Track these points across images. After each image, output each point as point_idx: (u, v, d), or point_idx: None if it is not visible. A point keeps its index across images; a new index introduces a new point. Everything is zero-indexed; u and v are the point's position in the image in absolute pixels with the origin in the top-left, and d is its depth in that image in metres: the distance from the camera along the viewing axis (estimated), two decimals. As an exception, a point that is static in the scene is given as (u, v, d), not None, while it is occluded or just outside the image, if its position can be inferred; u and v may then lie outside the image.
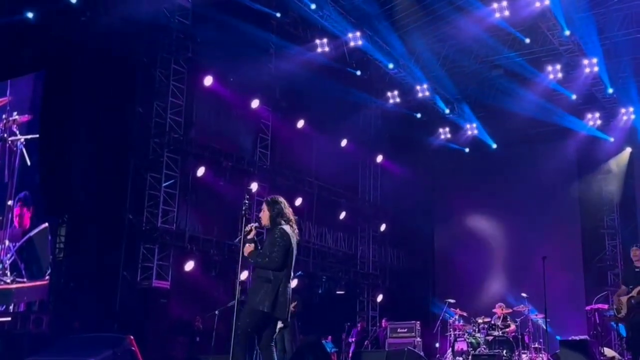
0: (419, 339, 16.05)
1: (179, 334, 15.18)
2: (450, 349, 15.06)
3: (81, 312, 14.00)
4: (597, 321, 14.29)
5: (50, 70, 15.05)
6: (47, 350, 8.67)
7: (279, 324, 12.31)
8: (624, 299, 10.15)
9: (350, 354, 16.31)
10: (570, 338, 13.78)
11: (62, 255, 15.12)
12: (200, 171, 16.13)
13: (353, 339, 18.02)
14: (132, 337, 7.84)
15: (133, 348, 7.68)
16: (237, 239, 6.83)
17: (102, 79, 14.80)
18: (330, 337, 18.12)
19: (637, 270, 10.18)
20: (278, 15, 17.72)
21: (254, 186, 17.36)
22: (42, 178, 15.02)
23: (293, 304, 12.29)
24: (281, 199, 6.87)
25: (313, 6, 16.95)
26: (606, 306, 14.20)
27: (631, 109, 20.40)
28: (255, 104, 17.70)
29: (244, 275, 16.80)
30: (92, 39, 14.59)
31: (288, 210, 6.79)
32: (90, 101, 14.88)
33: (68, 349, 8.02)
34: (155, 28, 15.58)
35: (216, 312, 12.76)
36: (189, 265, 15.50)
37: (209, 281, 16.00)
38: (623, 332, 11.93)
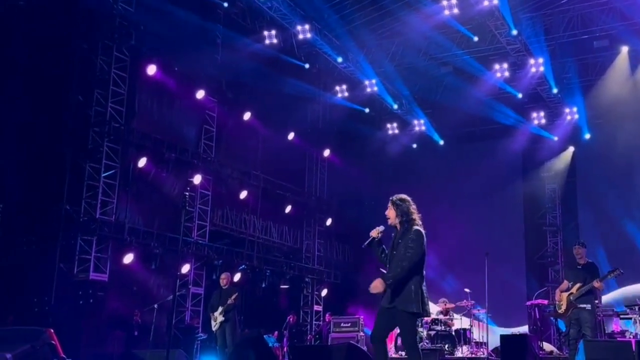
0: (362, 333, 16.03)
1: (116, 328, 14.81)
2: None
3: (16, 305, 13.54)
4: (537, 316, 14.49)
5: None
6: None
7: (220, 318, 12.17)
8: (565, 294, 10.39)
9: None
10: (510, 333, 13.90)
11: (-4, 246, 14.58)
12: (142, 162, 15.71)
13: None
14: (52, 330, 7.50)
15: (53, 342, 7.34)
16: (366, 244, 6.87)
17: (41, 65, 14.31)
18: (276, 332, 17.95)
19: (578, 267, 10.46)
20: (225, 5, 17.44)
21: (198, 178, 17.04)
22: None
23: (233, 297, 12.15)
24: (407, 198, 6.88)
25: (262, -4, 16.76)
26: (546, 301, 14.44)
27: (575, 109, 20.77)
28: (200, 94, 17.31)
29: (185, 268, 16.53)
30: (31, 23, 14.10)
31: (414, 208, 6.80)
32: (28, 88, 14.36)
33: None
34: (97, 14, 15.12)
35: (155, 306, 12.55)
36: (128, 258, 15.13)
37: (149, 275, 15.68)
38: (562, 327, 12.12)
